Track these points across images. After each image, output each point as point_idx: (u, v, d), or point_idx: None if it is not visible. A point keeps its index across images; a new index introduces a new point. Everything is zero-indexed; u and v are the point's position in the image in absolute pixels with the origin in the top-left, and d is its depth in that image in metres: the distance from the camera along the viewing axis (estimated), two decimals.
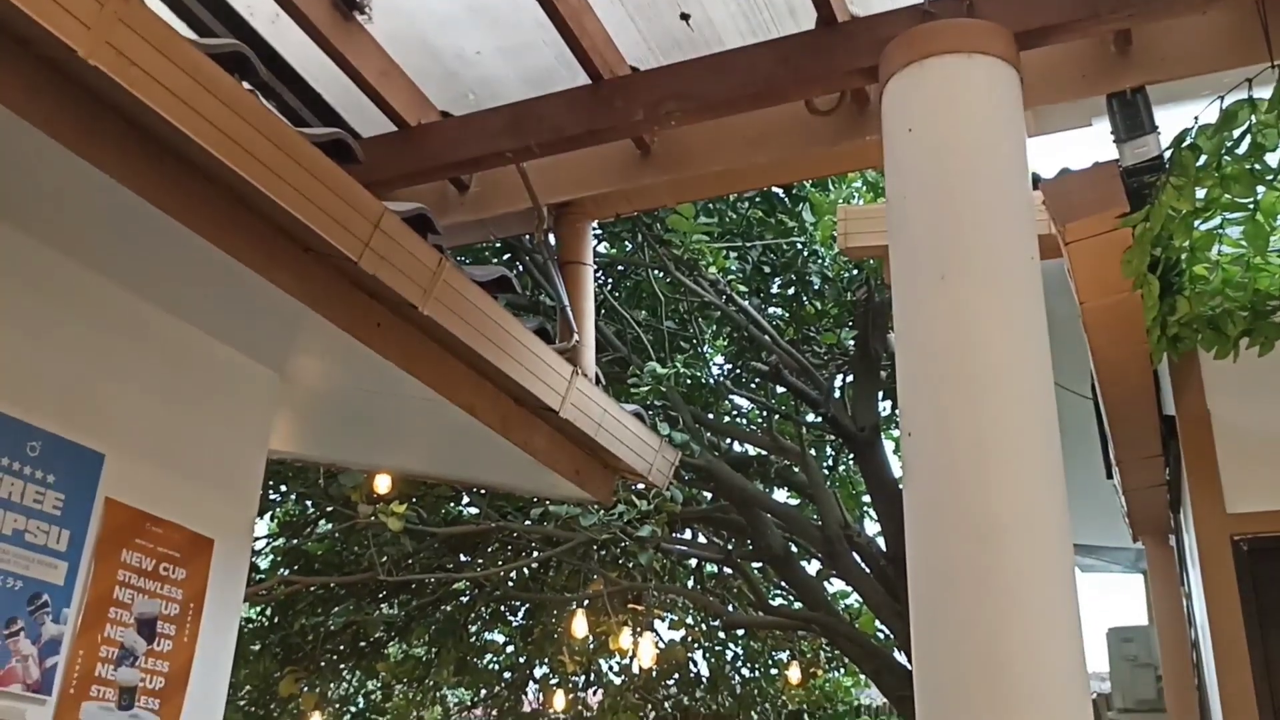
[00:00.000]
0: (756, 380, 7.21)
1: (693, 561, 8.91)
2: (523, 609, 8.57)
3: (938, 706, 1.96)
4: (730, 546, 7.28)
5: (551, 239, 3.65)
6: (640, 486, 5.72)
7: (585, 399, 3.25)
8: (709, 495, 7.66)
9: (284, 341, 2.95)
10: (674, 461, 3.78)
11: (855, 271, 6.21)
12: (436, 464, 3.95)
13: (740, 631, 9.47)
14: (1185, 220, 2.62)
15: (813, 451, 7.47)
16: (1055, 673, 1.92)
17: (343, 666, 8.21)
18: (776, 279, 6.53)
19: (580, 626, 6.36)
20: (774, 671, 9.60)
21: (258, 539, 7.35)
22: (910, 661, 6.45)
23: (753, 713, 9.69)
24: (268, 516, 7.60)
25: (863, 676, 9.89)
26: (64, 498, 2.40)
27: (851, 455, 8.38)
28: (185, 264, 2.46)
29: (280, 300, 2.44)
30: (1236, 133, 2.40)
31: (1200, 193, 2.55)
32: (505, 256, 6.61)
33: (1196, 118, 2.44)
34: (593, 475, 3.57)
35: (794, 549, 7.52)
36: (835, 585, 8.80)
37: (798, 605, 7.72)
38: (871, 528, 7.97)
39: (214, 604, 2.77)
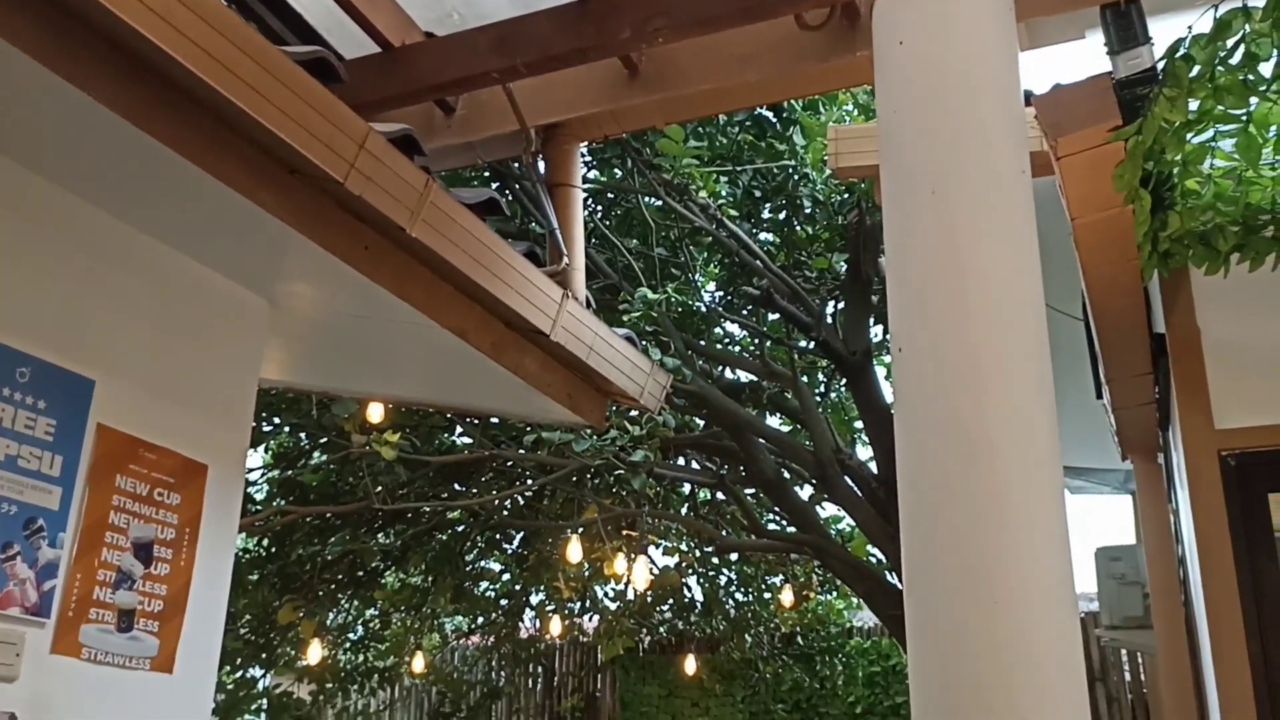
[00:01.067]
0: (748, 307, 7.21)
1: (686, 489, 8.98)
2: (518, 537, 8.65)
3: (928, 620, 1.98)
4: (723, 472, 7.33)
5: (541, 165, 3.62)
6: (632, 411, 5.75)
7: (576, 322, 3.24)
8: (701, 422, 7.70)
9: (273, 267, 2.93)
10: (666, 385, 3.79)
11: (846, 195, 6.17)
12: (428, 390, 3.95)
13: (734, 557, 9.58)
14: (1178, 133, 2.60)
15: (804, 378, 7.50)
16: (1044, 583, 1.94)
17: (340, 595, 8.29)
18: (767, 204, 6.49)
19: (575, 552, 6.42)
20: (767, 596, 9.73)
21: (252, 470, 7.37)
22: (901, 582, 6.54)
23: (746, 636, 9.85)
24: (261, 448, 7.62)
25: (854, 599, 10.04)
26: (55, 423, 2.40)
27: (843, 381, 8.41)
28: (171, 188, 2.44)
29: (268, 224, 2.42)
30: (1230, 42, 2.37)
31: (1193, 105, 2.53)
32: (493, 186, 6.56)
33: (1190, 28, 2.41)
34: (585, 399, 3.57)
35: (786, 475, 7.57)
36: (827, 510, 8.89)
37: (791, 530, 7.80)
38: (863, 453, 8.03)
39: (210, 529, 2.79)
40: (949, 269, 2.12)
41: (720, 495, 8.84)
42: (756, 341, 7.36)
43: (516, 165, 6.27)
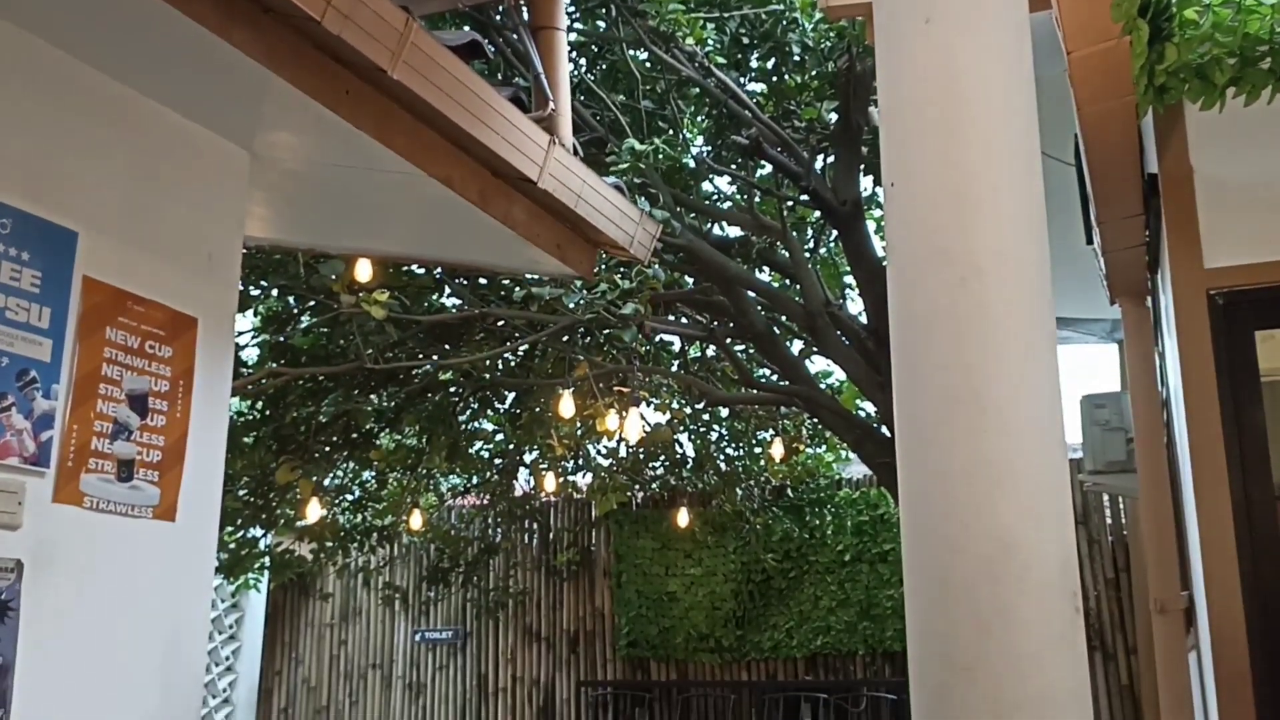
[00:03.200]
0: (737, 161, 7.12)
1: (676, 347, 9.03)
2: (510, 397, 8.72)
3: (918, 448, 2.01)
4: (714, 326, 7.35)
5: (524, 10, 3.52)
6: (622, 266, 5.73)
7: (564, 169, 3.20)
8: (690, 281, 7.69)
9: (252, 115, 2.87)
10: (655, 235, 3.77)
11: (836, 40, 6.02)
12: (416, 245, 3.93)
13: (724, 413, 9.70)
14: None
15: (794, 234, 7.45)
16: (1032, 410, 1.96)
17: (336, 457, 8.40)
18: (755, 51, 6.34)
19: (567, 407, 6.47)
20: (758, 451, 9.89)
21: (242, 334, 7.37)
22: (891, 431, 6.62)
23: (737, 490, 10.05)
24: (250, 312, 7.60)
25: (843, 452, 10.21)
26: (41, 275, 2.38)
27: (833, 236, 8.38)
28: (142, 30, 2.36)
29: (243, 67, 2.36)
30: None
31: None
32: None
33: None
34: (574, 249, 3.56)
35: (776, 330, 7.60)
36: (816, 366, 8.97)
37: (781, 384, 7.87)
38: (854, 307, 8.05)
39: (203, 381, 2.80)
40: (942, 100, 2.09)
41: (711, 353, 8.90)
42: (745, 195, 7.30)
43: (499, 16, 6.10)
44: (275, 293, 7.33)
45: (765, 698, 9.72)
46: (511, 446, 9.45)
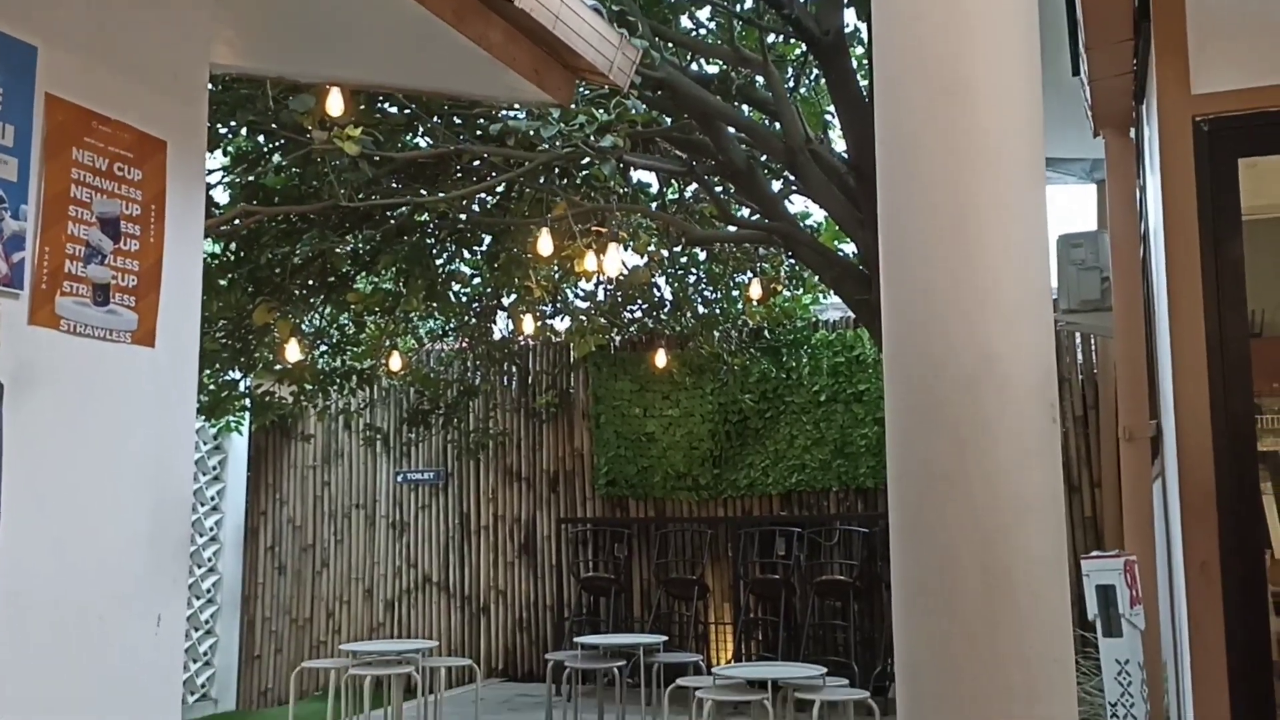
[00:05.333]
0: None
1: (654, 188, 8.94)
2: (487, 240, 8.64)
3: (902, 269, 2.00)
4: (693, 163, 7.25)
5: None
6: (600, 97, 5.61)
7: None
8: (669, 120, 7.56)
9: None
10: (635, 61, 3.67)
11: None
12: (389, 71, 3.81)
13: (702, 257, 9.67)
14: None
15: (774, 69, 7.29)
16: (1018, 231, 1.95)
17: (313, 300, 8.36)
18: None
19: (546, 245, 6.43)
20: (735, 294, 9.91)
21: (211, 172, 7.23)
22: (870, 270, 6.63)
23: (714, 332, 10.12)
24: (219, 151, 7.43)
25: (821, 294, 10.25)
26: (1, 92, 2.30)
27: (814, 74, 8.21)
28: None
29: None
30: None
31: None
32: None
33: None
34: (552, 75, 3.46)
35: (756, 167, 7.51)
36: (795, 207, 8.91)
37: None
38: (834, 146, 7.95)
39: (175, 206, 2.75)
40: None
41: (689, 194, 8.81)
42: (726, 26, 7.10)
43: None
44: (244, 131, 7.16)
45: (741, 532, 9.99)
46: (489, 290, 9.43)
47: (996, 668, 1.75)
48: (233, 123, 6.87)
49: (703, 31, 7.81)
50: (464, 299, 9.53)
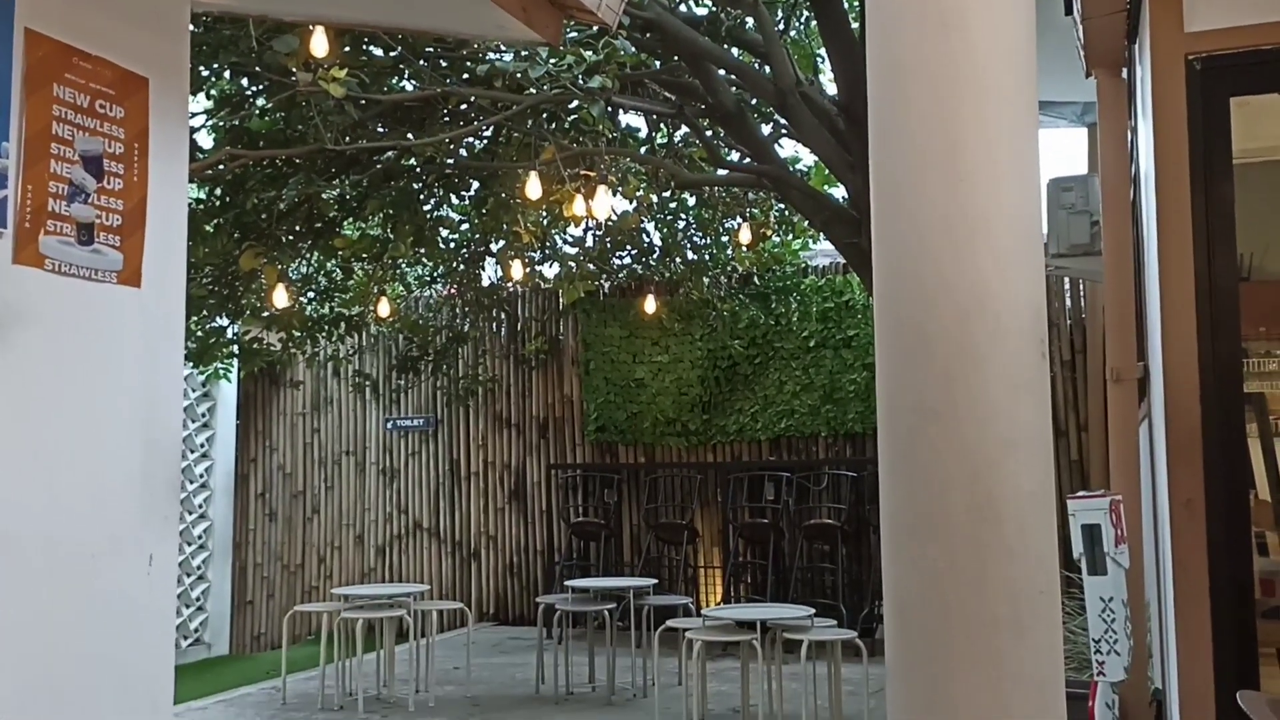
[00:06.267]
0: None
1: (643, 133, 8.86)
2: (475, 185, 8.57)
3: (894, 202, 1.99)
4: (682, 106, 7.19)
5: None
6: (588, 39, 5.54)
7: None
8: (659, 64, 7.48)
9: None
10: None
11: None
12: (373, 8, 3.75)
13: (691, 202, 9.62)
14: None
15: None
16: (1010, 160, 1.94)
17: (300, 245, 8.30)
18: None
19: (534, 189, 6.38)
20: (725, 240, 9.88)
21: (195, 116, 7.13)
22: (860, 212, 6.60)
23: (704, 278, 10.10)
24: (202, 95, 7.33)
25: (810, 239, 10.23)
26: None
27: (806, 11, 8.12)
28: None
29: None
30: None
31: None
32: None
33: None
34: (540, 12, 3.41)
35: (746, 110, 7.46)
36: (786, 152, 8.85)
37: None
38: (827, 91, 7.88)
39: (159, 145, 2.71)
40: None
41: (678, 139, 8.74)
42: None
43: None
44: (227, 74, 7.06)
45: (730, 478, 10.05)
46: (477, 237, 9.38)
47: (984, 599, 1.77)
48: (215, 65, 6.77)
49: None
50: (452, 245, 9.48)
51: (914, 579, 1.82)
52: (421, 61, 6.74)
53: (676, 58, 6.82)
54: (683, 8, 7.45)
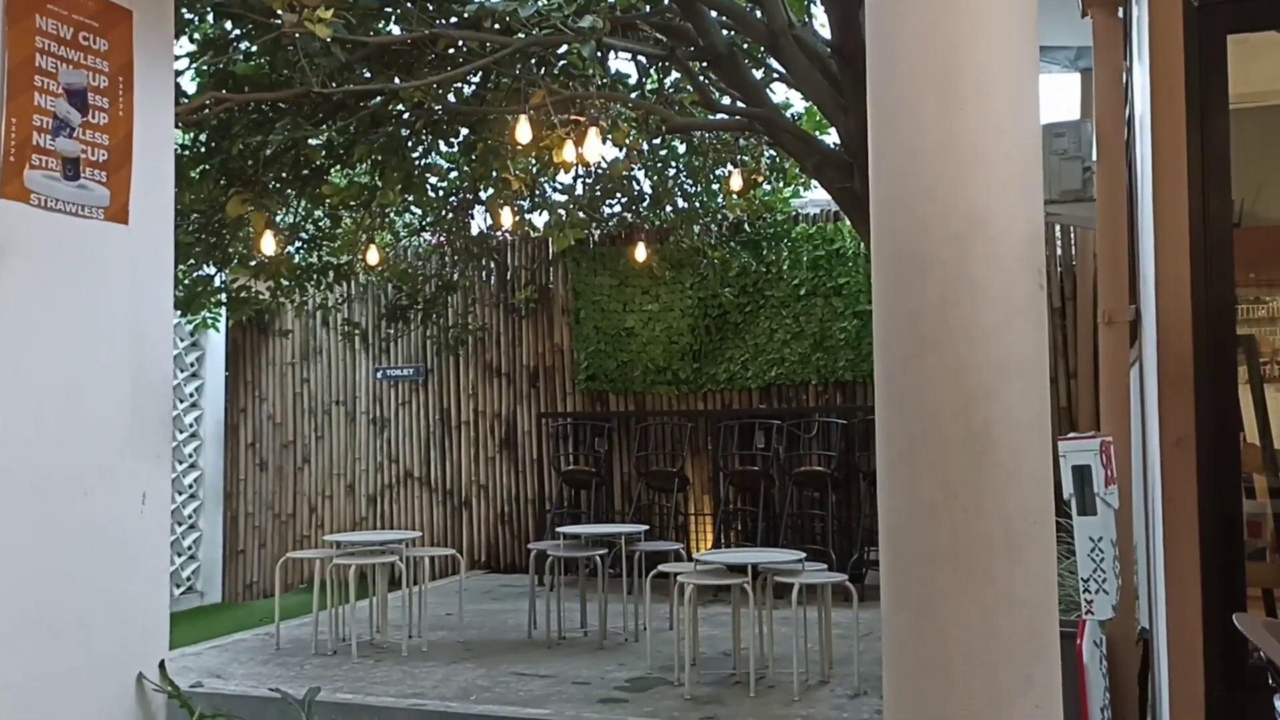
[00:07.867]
0: None
1: (633, 79, 8.77)
2: (464, 132, 8.49)
3: (890, 124, 1.97)
4: (674, 48, 7.11)
5: None
6: None
7: None
8: (649, 6, 7.38)
9: None
10: None
11: None
12: None
13: (682, 150, 9.55)
14: None
15: None
16: (1007, 83, 1.92)
17: (288, 192, 8.22)
18: None
19: (524, 133, 6.32)
20: (715, 188, 9.82)
21: (179, 59, 7.03)
22: (852, 156, 6.55)
23: (694, 226, 10.06)
24: (185, 39, 7.22)
25: (801, 187, 10.18)
26: None
27: None
28: None
29: None
30: None
31: None
32: None
33: None
34: None
35: (737, 53, 7.38)
36: (778, 97, 8.78)
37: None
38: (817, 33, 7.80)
39: (144, 79, 2.68)
40: None
41: (669, 83, 8.66)
42: None
43: None
44: (210, 16, 6.95)
45: (720, 426, 10.07)
46: (466, 184, 9.30)
47: (978, 525, 1.77)
48: (199, 4, 6.67)
49: None
50: (441, 193, 9.41)
51: (908, 504, 1.82)
52: (409, 3, 6.64)
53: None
54: None
